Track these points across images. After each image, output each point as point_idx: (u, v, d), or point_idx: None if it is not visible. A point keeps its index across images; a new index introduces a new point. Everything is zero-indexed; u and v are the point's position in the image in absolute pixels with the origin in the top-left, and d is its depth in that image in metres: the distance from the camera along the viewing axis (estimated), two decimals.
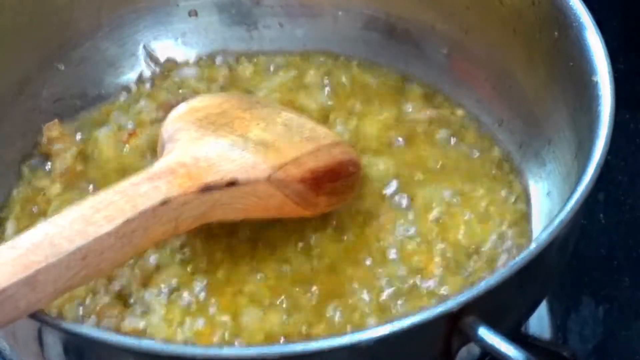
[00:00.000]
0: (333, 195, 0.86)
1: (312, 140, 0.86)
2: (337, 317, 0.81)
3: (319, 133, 0.88)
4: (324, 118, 0.96)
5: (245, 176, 0.79)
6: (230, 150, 0.81)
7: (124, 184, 0.76)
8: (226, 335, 0.80)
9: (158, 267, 0.84)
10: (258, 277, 0.84)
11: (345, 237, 0.87)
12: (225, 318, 0.81)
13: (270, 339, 0.79)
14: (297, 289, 0.83)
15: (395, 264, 0.85)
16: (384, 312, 0.82)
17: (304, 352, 0.66)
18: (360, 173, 0.90)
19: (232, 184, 0.79)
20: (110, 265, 0.73)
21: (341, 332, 0.79)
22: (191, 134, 0.83)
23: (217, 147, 0.82)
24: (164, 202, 0.75)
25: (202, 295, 0.82)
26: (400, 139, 0.94)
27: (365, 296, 0.83)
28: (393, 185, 0.90)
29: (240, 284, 0.83)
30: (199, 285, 0.83)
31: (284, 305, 0.82)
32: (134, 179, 0.77)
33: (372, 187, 0.90)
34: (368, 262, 0.85)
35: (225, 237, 0.86)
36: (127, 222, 0.72)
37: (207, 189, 0.78)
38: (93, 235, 0.70)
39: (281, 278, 0.84)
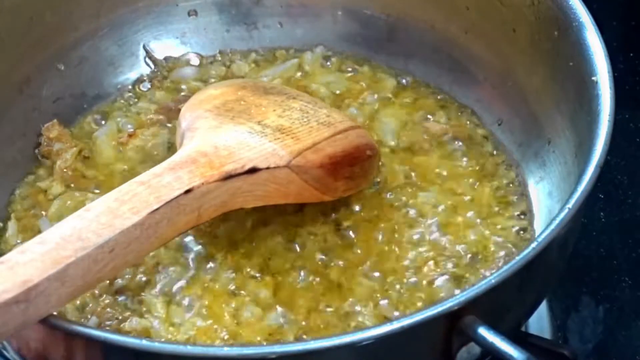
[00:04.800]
0: (351, 179, 0.87)
1: (329, 126, 0.86)
2: (335, 317, 0.81)
3: (335, 118, 0.88)
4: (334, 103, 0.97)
5: (265, 163, 0.80)
6: (249, 137, 0.82)
7: (147, 175, 0.76)
8: (226, 334, 0.80)
9: (158, 267, 0.84)
10: (258, 278, 0.84)
11: (345, 238, 0.87)
12: (226, 317, 0.81)
13: (269, 338, 0.79)
14: (298, 289, 0.83)
15: (396, 266, 0.85)
16: (383, 313, 0.82)
17: (304, 351, 0.66)
18: (377, 157, 0.90)
19: (252, 171, 0.79)
20: (136, 257, 0.74)
21: (341, 332, 0.79)
22: (210, 122, 0.84)
23: (236, 134, 0.82)
24: (187, 192, 0.75)
25: (202, 295, 0.82)
26: (409, 143, 0.94)
27: (365, 297, 0.83)
28: (395, 188, 0.90)
29: (240, 283, 0.83)
30: (199, 285, 0.83)
31: (284, 305, 0.82)
32: (156, 169, 0.77)
33: (374, 187, 0.90)
34: (368, 263, 0.85)
35: (226, 238, 0.86)
36: (152, 213, 0.73)
37: (228, 177, 0.78)
38: (120, 228, 0.71)
39: (281, 279, 0.84)
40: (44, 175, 0.93)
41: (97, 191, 0.90)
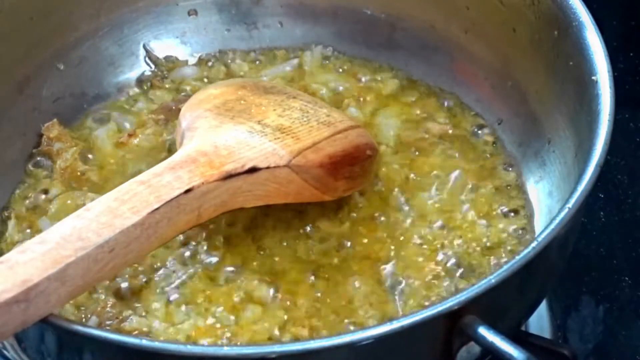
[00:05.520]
0: (351, 179, 0.87)
1: (329, 125, 0.87)
2: (335, 317, 0.81)
3: (335, 117, 0.88)
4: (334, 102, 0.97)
5: (265, 163, 0.80)
6: (249, 137, 0.82)
7: (147, 175, 0.76)
8: (226, 333, 0.80)
9: (158, 267, 0.84)
10: (258, 277, 0.84)
11: (345, 238, 0.87)
12: (226, 317, 0.81)
13: (270, 338, 0.79)
14: (298, 289, 0.83)
15: (396, 266, 0.85)
16: (383, 312, 0.82)
17: (304, 351, 0.66)
18: (377, 156, 0.90)
19: (252, 170, 0.79)
20: (136, 257, 0.74)
21: (341, 331, 0.79)
22: (210, 122, 0.84)
23: (236, 134, 0.82)
24: (187, 192, 0.75)
25: (202, 294, 0.82)
26: (410, 143, 0.94)
27: (365, 297, 0.83)
28: (396, 188, 0.90)
29: (240, 282, 0.83)
30: (199, 285, 0.83)
31: (284, 305, 0.82)
32: (155, 169, 0.77)
33: (374, 187, 0.90)
34: (369, 262, 0.85)
35: (226, 237, 0.86)
36: (152, 213, 0.73)
37: (228, 176, 0.78)
38: (120, 228, 0.71)
39: (281, 278, 0.84)
40: (44, 175, 0.93)
41: (97, 191, 0.90)
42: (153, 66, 1.02)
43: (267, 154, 0.81)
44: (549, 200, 0.89)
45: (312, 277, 0.84)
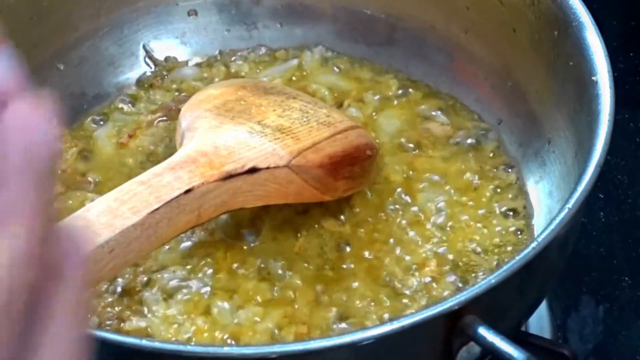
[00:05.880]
0: (351, 179, 0.87)
1: (329, 125, 0.87)
2: (336, 317, 0.81)
3: (335, 117, 0.88)
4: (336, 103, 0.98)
5: (265, 163, 0.80)
6: (249, 137, 0.82)
7: (147, 175, 0.76)
8: (226, 334, 0.80)
9: (158, 267, 0.84)
10: (258, 277, 0.84)
11: (345, 239, 0.87)
12: (226, 316, 0.81)
13: (270, 338, 0.79)
14: (298, 289, 0.83)
15: (396, 266, 0.85)
16: (383, 312, 0.82)
17: (304, 351, 0.66)
18: (378, 156, 0.90)
19: (252, 171, 0.79)
20: (136, 257, 0.74)
21: (342, 332, 0.79)
22: (210, 122, 0.84)
23: (236, 134, 0.82)
24: (187, 192, 0.75)
25: (203, 294, 0.82)
26: (410, 143, 0.94)
27: (365, 297, 0.83)
28: (396, 188, 0.90)
29: (240, 283, 0.83)
30: (199, 284, 0.83)
31: (284, 305, 0.82)
32: (156, 169, 0.77)
33: (374, 187, 0.90)
34: (369, 263, 0.85)
35: (226, 237, 0.86)
36: (152, 213, 0.73)
37: (228, 177, 0.78)
38: (120, 228, 0.71)
39: (281, 279, 0.84)
40: None
41: (97, 191, 0.90)
42: (153, 66, 1.02)
43: (267, 155, 0.81)
44: (549, 200, 0.89)
45: (312, 277, 0.84)
